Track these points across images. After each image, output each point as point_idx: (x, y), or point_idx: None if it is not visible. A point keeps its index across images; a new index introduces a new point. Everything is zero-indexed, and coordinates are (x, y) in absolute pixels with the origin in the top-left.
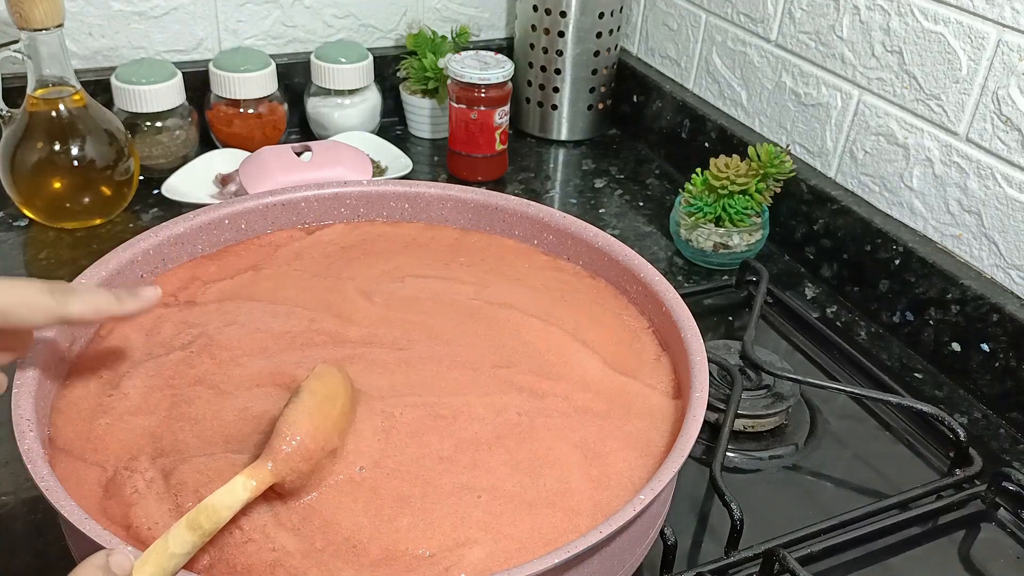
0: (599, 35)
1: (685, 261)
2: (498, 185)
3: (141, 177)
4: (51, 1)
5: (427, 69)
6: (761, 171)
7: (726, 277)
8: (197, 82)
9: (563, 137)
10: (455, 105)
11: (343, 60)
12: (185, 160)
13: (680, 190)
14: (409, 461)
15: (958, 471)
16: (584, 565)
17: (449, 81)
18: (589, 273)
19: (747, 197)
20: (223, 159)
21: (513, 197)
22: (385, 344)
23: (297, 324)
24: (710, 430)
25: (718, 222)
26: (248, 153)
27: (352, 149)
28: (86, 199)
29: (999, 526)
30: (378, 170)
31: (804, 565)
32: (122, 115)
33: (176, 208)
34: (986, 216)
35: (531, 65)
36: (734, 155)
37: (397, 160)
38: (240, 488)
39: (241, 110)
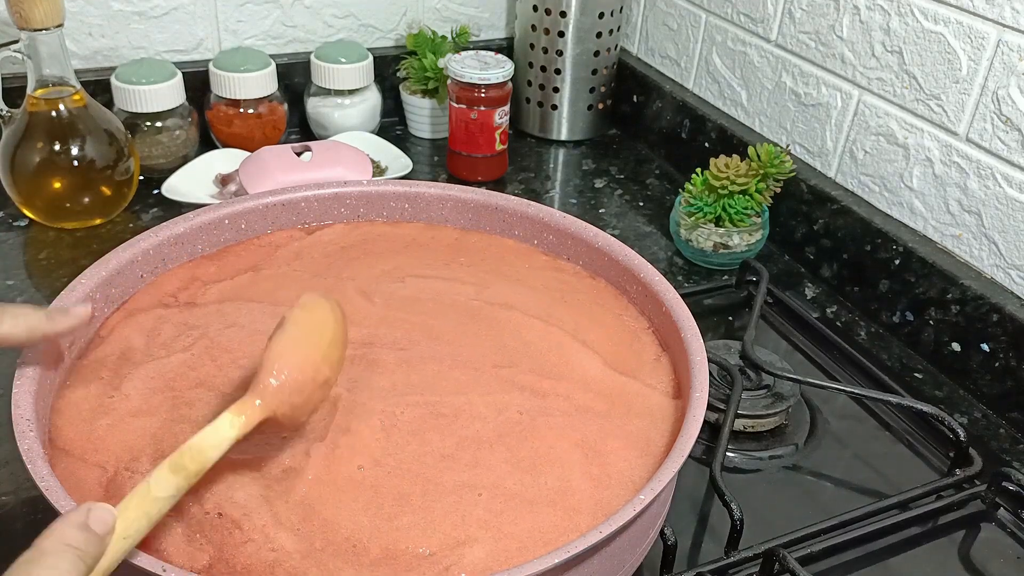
0: (599, 35)
1: (685, 261)
2: (498, 185)
3: (141, 177)
4: (51, 1)
5: (427, 69)
6: (761, 171)
7: (726, 277)
8: (197, 82)
9: (563, 137)
10: (455, 105)
11: (343, 60)
12: (185, 160)
13: (680, 190)
14: (410, 459)
15: (958, 471)
16: (584, 565)
17: (449, 81)
18: (589, 273)
19: (747, 197)
20: (223, 159)
21: (513, 197)
22: (386, 344)
23: None
24: (710, 430)
25: (718, 222)
26: (248, 153)
27: (352, 149)
28: (86, 199)
29: (999, 526)
30: (378, 170)
31: (804, 565)
32: (122, 115)
33: (176, 208)
34: (986, 216)
35: (531, 65)
36: (734, 155)
37: (397, 160)
38: (227, 426)
39: (241, 110)
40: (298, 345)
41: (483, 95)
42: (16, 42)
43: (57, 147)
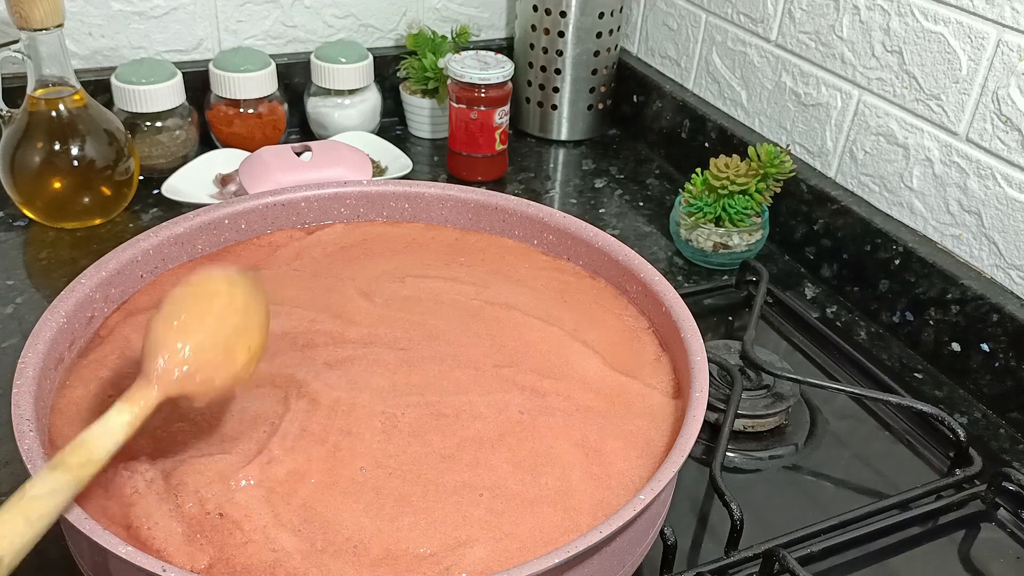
0: (599, 35)
1: (685, 261)
2: (498, 185)
3: (141, 177)
4: (51, 1)
5: (427, 69)
6: (761, 171)
7: (726, 277)
8: (197, 82)
9: (563, 137)
10: (455, 105)
11: (343, 60)
12: (185, 160)
13: (680, 190)
14: (411, 460)
15: (958, 471)
16: (584, 565)
17: (449, 81)
18: (589, 273)
19: (747, 197)
20: (223, 159)
21: (513, 197)
22: (386, 344)
23: (297, 325)
24: (710, 430)
25: (718, 222)
26: (248, 153)
27: (352, 149)
28: (86, 199)
29: (999, 526)
30: (378, 170)
31: (804, 565)
32: (122, 115)
33: (176, 208)
34: (986, 216)
35: (531, 65)
36: (734, 155)
37: (397, 160)
38: (115, 413)
39: (241, 110)
40: (177, 322)
41: (483, 95)
42: (16, 42)
43: (57, 147)
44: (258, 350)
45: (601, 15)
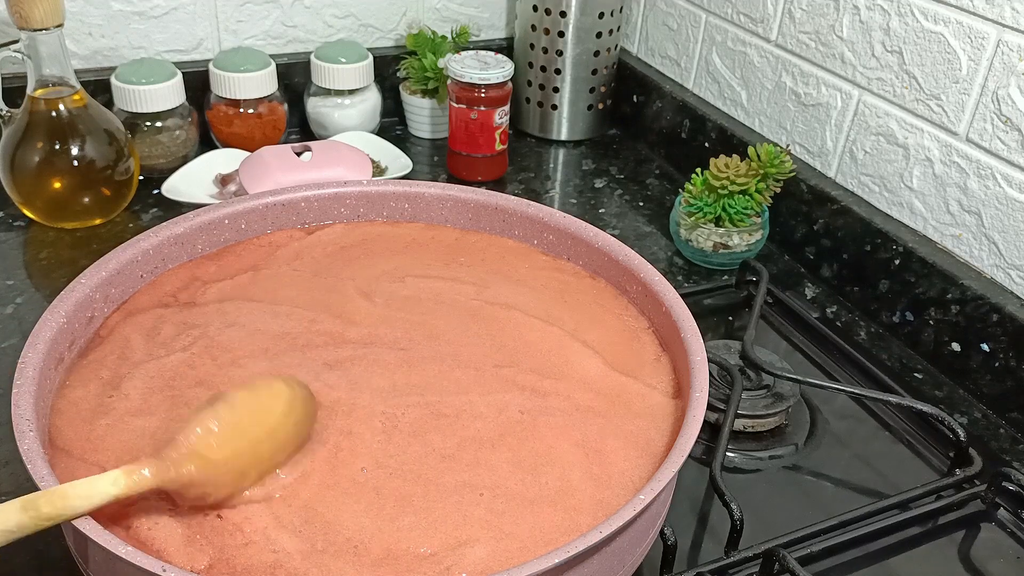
0: (599, 35)
1: (685, 261)
2: (498, 185)
3: (141, 177)
4: (51, 1)
5: (427, 69)
6: (761, 171)
7: (726, 277)
8: (197, 82)
9: (563, 137)
10: (455, 105)
11: (343, 60)
12: (185, 160)
13: (680, 190)
14: (411, 460)
15: (958, 471)
16: (584, 565)
17: (449, 81)
18: (589, 273)
19: (747, 197)
20: (223, 159)
21: (513, 197)
22: (386, 344)
23: (297, 325)
24: (710, 430)
25: (718, 222)
26: (248, 153)
27: (352, 149)
28: (86, 199)
29: (999, 526)
30: (378, 170)
31: (804, 565)
32: (122, 115)
33: (176, 208)
34: (986, 216)
35: (531, 65)
36: (734, 155)
37: (397, 160)
38: (107, 482)
39: (241, 110)
40: (222, 427)
41: (483, 95)
42: (16, 42)
43: (57, 147)
44: (267, 474)
45: (601, 15)
